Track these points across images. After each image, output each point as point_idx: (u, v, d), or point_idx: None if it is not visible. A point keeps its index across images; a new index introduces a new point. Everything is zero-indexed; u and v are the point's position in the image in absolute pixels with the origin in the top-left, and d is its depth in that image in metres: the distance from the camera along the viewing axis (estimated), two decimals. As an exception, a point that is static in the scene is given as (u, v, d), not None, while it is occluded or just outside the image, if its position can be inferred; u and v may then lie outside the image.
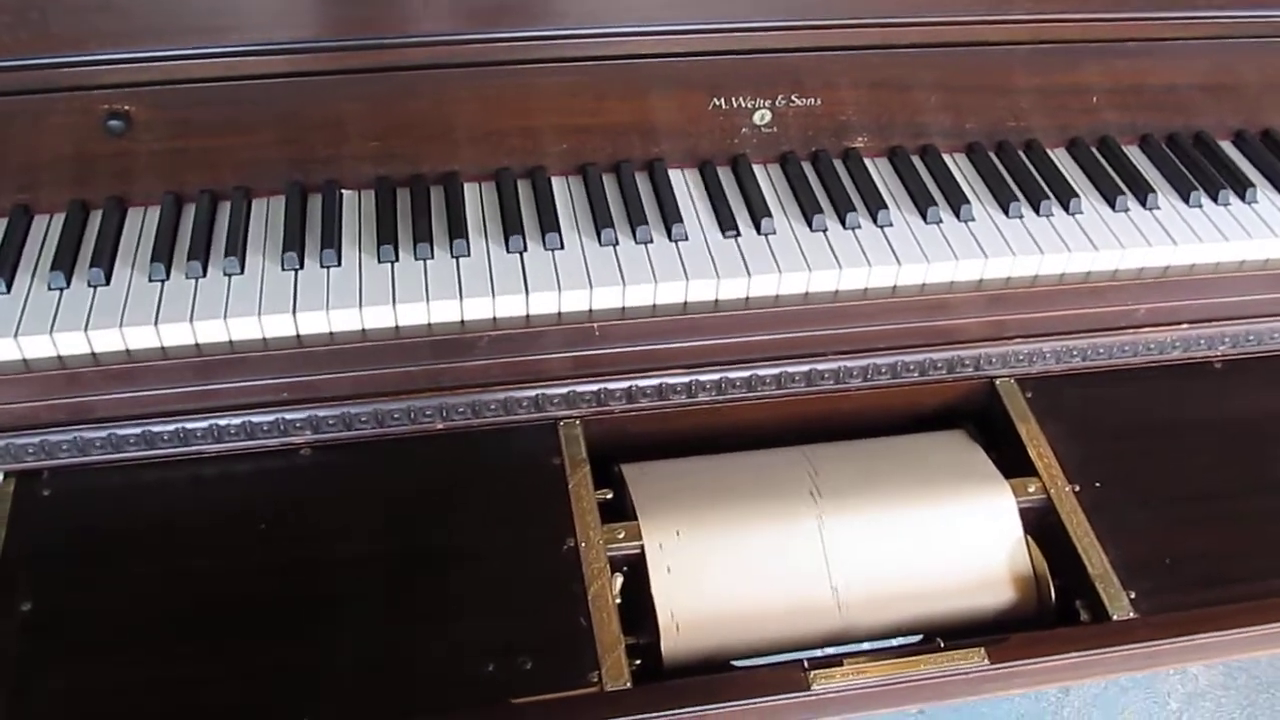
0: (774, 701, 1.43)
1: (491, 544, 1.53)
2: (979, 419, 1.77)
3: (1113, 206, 1.75)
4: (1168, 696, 2.74)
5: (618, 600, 1.51)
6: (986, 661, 1.46)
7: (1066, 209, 1.74)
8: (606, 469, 1.67)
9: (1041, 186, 1.76)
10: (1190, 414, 1.75)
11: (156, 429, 1.55)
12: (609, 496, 1.62)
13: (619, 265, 1.60)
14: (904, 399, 1.75)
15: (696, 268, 1.60)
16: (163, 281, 1.55)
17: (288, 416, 1.57)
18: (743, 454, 1.69)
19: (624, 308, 1.59)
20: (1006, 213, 1.72)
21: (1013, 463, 1.68)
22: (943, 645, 1.49)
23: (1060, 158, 1.84)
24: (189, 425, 1.55)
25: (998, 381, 1.75)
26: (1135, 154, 1.86)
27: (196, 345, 1.51)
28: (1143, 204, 1.76)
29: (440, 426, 1.62)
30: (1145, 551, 1.58)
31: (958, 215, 1.71)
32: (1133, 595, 1.53)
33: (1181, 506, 1.64)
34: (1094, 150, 1.85)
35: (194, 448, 1.57)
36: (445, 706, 1.39)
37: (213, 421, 1.56)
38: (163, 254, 1.57)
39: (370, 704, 1.38)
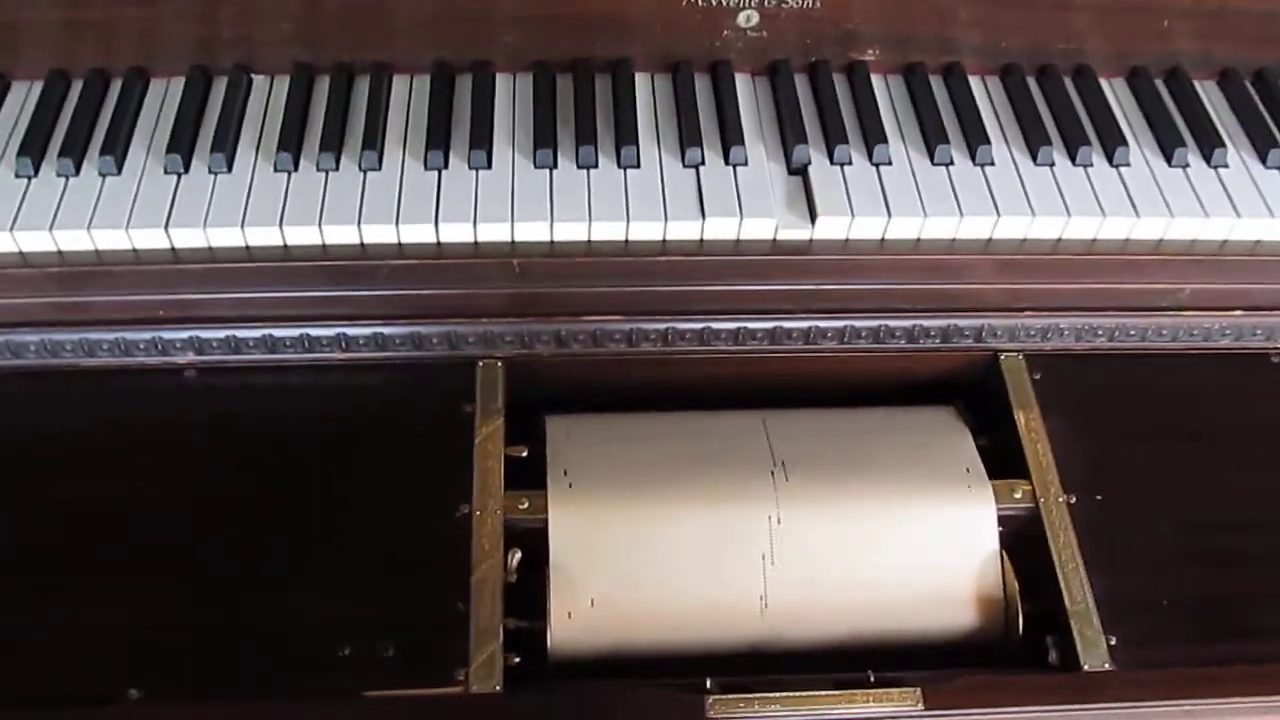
0: (660, 727, 1.26)
1: (375, 502, 1.34)
2: (973, 395, 1.50)
3: (1169, 160, 1.44)
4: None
5: (513, 577, 1.32)
6: (920, 706, 1.23)
7: (1110, 159, 1.43)
8: (533, 418, 1.46)
9: (1083, 128, 1.45)
10: (1232, 417, 1.45)
11: (20, 339, 1.38)
12: (523, 454, 1.40)
13: (550, 195, 1.36)
14: (886, 364, 1.48)
15: (641, 205, 1.36)
16: (30, 178, 1.36)
17: (166, 335, 1.39)
18: (690, 414, 1.46)
19: (553, 243, 1.36)
20: (1035, 158, 1.42)
21: (1002, 457, 1.41)
22: (872, 679, 1.28)
23: (1116, 91, 1.52)
24: (57, 337, 1.38)
25: (1002, 357, 1.47)
26: (1212, 93, 1.53)
27: (59, 254, 1.33)
28: (1207, 160, 1.44)
29: (341, 357, 1.42)
30: (1140, 588, 1.32)
31: (973, 157, 1.42)
32: (1113, 641, 1.27)
33: (1200, 535, 1.36)
34: (1159, 85, 1.52)
35: (65, 360, 1.40)
36: (287, 692, 1.22)
37: (83, 335, 1.39)
38: (34, 146, 1.38)
39: (205, 678, 1.22)
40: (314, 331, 1.40)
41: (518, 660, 1.28)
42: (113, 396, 1.41)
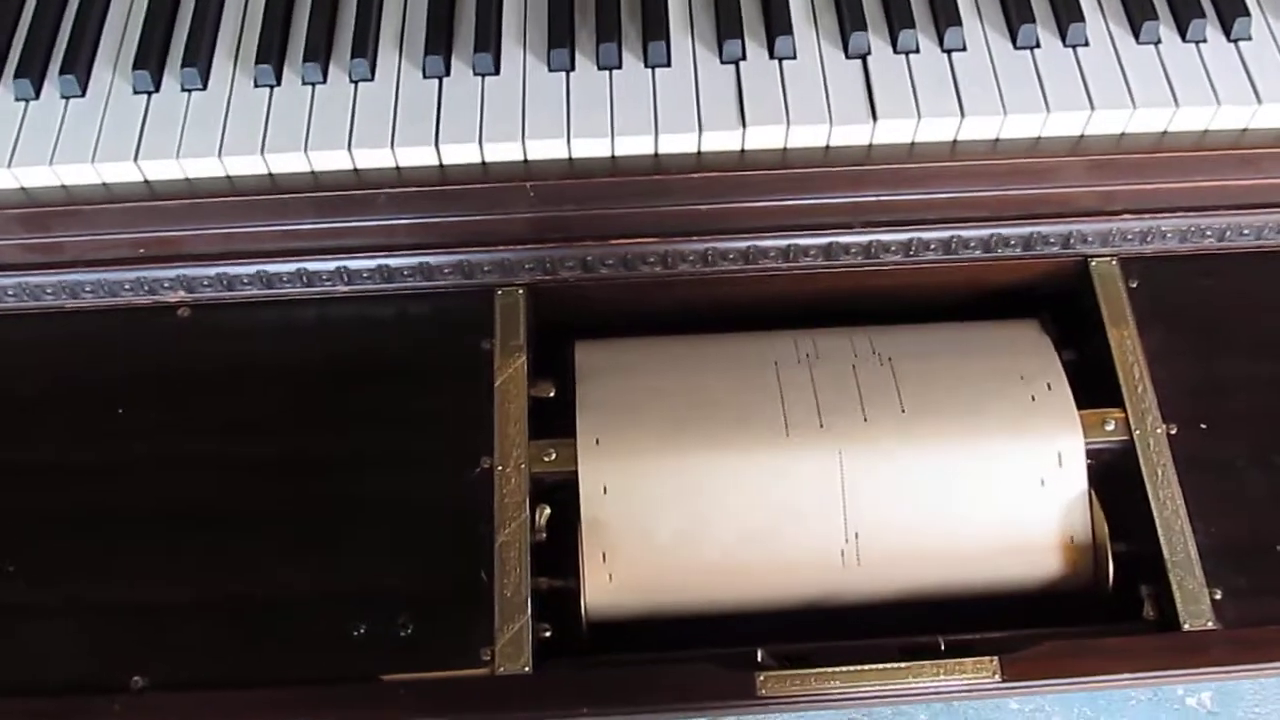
0: (712, 707, 1.14)
1: (385, 457, 1.21)
2: (1060, 307, 1.32)
3: (1300, 29, 1.23)
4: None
5: (543, 534, 1.20)
6: (998, 678, 1.11)
7: (1228, 32, 1.21)
8: (561, 346, 1.31)
9: (1197, -3, 1.24)
10: (1366, 329, 1.27)
11: (-1, 282, 1.27)
12: (550, 394, 1.26)
13: (567, 105, 1.18)
14: (958, 275, 1.30)
15: (672, 113, 1.17)
16: (-13, 105, 1.22)
17: (151, 275, 1.24)
18: (737, 338, 1.30)
19: (571, 161, 1.18)
20: (1137, 35, 1.21)
21: (1092, 381, 1.25)
22: (943, 646, 1.16)
23: (1245, -55, 1.28)
24: (34, 279, 1.24)
25: (1093, 263, 1.28)
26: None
27: (24, 190, 1.19)
28: (1350, 28, 1.22)
29: (344, 290, 1.27)
30: (1251, 534, 1.16)
31: (1064, 36, 1.21)
32: (1218, 595, 1.13)
33: (1326, 470, 1.21)
34: (1296, -68, 1.29)
35: (47, 303, 1.26)
36: (299, 677, 1.11)
37: (61, 277, 1.24)
38: (-10, 68, 1.23)
39: (210, 664, 1.12)
40: (312, 266, 1.24)
41: (548, 634, 1.17)
42: (101, 340, 1.27)
